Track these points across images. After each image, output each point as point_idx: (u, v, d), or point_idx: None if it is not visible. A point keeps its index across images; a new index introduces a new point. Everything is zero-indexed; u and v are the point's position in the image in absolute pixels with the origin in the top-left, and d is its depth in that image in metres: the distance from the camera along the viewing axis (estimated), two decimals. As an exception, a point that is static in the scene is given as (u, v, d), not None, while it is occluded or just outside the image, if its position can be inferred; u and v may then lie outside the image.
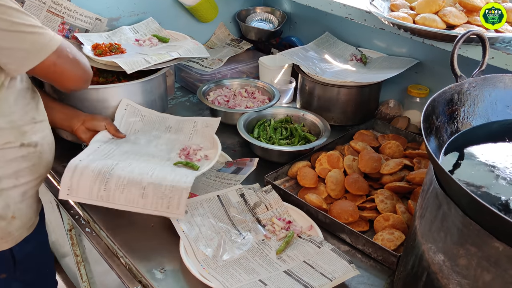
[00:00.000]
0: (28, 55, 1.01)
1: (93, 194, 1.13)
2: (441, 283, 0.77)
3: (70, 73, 1.11)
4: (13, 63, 1.01)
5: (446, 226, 0.75)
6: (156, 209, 1.11)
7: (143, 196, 1.12)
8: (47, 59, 1.04)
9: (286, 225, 1.19)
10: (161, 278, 1.07)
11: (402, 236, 1.14)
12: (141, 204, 1.12)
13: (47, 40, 1.03)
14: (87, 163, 1.17)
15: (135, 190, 1.12)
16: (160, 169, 1.19)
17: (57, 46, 1.05)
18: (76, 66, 1.12)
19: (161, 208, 1.11)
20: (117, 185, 1.13)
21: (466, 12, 1.39)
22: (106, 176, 1.14)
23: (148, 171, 1.17)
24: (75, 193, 1.13)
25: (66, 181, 1.13)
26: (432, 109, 0.87)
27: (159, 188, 1.12)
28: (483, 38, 0.95)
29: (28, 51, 1.01)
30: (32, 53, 1.02)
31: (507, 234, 0.64)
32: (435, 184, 0.78)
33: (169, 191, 1.12)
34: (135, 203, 1.12)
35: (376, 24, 1.51)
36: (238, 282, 1.01)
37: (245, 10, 2.18)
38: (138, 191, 1.12)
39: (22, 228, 1.15)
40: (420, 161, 1.37)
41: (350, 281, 1.05)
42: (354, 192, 1.28)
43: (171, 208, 1.11)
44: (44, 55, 1.03)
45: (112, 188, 1.13)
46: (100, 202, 1.13)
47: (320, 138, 1.49)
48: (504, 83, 0.97)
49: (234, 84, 1.82)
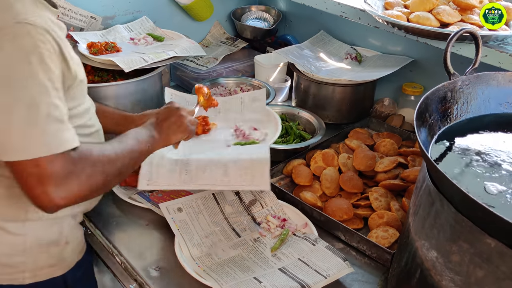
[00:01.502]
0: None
1: (175, 179, 1.14)
2: (434, 279, 0.77)
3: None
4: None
5: (439, 223, 0.75)
6: (242, 184, 1.13)
7: (225, 173, 1.13)
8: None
9: (281, 223, 1.19)
10: (156, 276, 1.07)
11: (396, 234, 1.14)
12: (225, 181, 1.13)
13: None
14: (160, 154, 1.18)
15: (216, 169, 1.14)
16: (231, 149, 1.24)
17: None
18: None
19: (246, 182, 1.13)
20: (198, 167, 1.15)
21: (460, 10, 1.40)
22: (185, 161, 1.16)
23: (221, 151, 1.21)
24: (155, 183, 1.15)
25: (144, 174, 1.14)
26: (426, 106, 0.87)
27: (239, 163, 1.14)
28: (476, 36, 0.96)
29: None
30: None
31: (499, 230, 0.64)
32: (428, 181, 0.78)
33: (249, 164, 1.14)
34: (218, 181, 1.13)
35: (371, 23, 1.51)
36: (233, 279, 1.01)
37: (240, 8, 2.18)
38: (219, 169, 1.14)
39: (74, 253, 1.11)
40: (414, 159, 1.38)
41: (344, 278, 1.06)
42: (349, 190, 1.29)
43: (256, 181, 1.12)
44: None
45: (193, 170, 1.15)
46: (183, 185, 1.15)
47: (315, 136, 1.50)
48: (497, 81, 0.97)
49: (229, 83, 1.82)
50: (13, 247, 1.01)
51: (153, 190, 1.28)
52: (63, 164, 0.84)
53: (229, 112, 1.45)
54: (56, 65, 0.87)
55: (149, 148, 1.06)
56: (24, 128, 0.82)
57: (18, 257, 1.02)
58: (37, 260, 1.03)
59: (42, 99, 0.83)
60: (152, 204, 1.23)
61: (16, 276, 1.02)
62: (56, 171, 0.83)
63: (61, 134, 0.85)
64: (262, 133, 1.36)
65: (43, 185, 0.82)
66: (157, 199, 1.25)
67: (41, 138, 0.82)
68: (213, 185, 1.14)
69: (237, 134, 1.36)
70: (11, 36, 0.82)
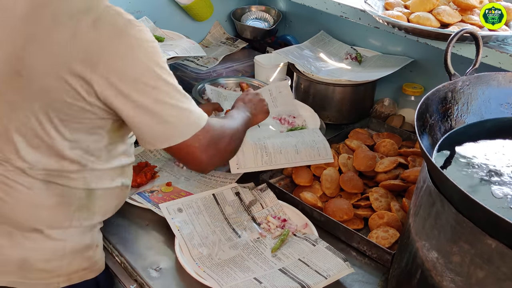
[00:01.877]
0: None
1: (258, 162, 1.28)
2: (435, 280, 0.77)
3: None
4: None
5: (440, 223, 0.75)
6: (312, 159, 1.32)
7: (297, 152, 1.32)
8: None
9: (281, 223, 1.19)
10: (156, 276, 1.07)
11: (396, 234, 1.14)
12: (298, 158, 1.31)
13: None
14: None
15: (290, 148, 1.31)
16: (291, 133, 1.42)
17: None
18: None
19: (315, 157, 1.33)
20: (274, 149, 1.30)
21: (460, 10, 1.40)
22: (263, 145, 1.30)
23: (283, 136, 1.38)
24: (243, 166, 1.27)
25: (233, 159, 1.25)
26: (426, 107, 0.87)
27: (306, 142, 1.34)
28: (476, 36, 0.96)
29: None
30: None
31: (500, 231, 0.64)
32: (429, 182, 0.78)
33: (313, 142, 1.35)
34: (293, 159, 1.31)
35: (371, 23, 1.51)
36: (233, 280, 1.01)
37: (240, 8, 2.18)
38: (292, 148, 1.32)
39: (103, 256, 1.12)
40: (414, 159, 1.37)
41: (345, 279, 1.06)
42: (349, 190, 1.28)
43: (322, 155, 1.33)
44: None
45: (272, 152, 1.29)
46: (266, 167, 1.29)
47: (315, 136, 1.50)
48: (497, 81, 0.97)
49: (229, 83, 1.82)
50: (54, 253, 1.01)
51: (154, 190, 1.29)
52: (212, 129, 0.99)
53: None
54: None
55: (247, 126, 1.22)
56: (178, 114, 0.93)
57: (56, 262, 1.02)
58: (72, 264, 1.04)
59: (174, 82, 0.95)
60: (152, 205, 1.23)
61: (51, 281, 1.02)
62: (212, 135, 0.99)
63: (198, 108, 0.98)
64: (301, 119, 1.55)
65: (208, 149, 0.98)
66: (157, 199, 1.25)
67: (193, 115, 0.95)
68: (290, 163, 1.31)
69: (282, 123, 1.53)
70: (138, 32, 0.89)
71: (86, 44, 0.85)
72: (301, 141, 1.35)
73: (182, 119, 0.94)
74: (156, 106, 0.91)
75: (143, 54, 0.88)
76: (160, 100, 0.91)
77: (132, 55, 0.87)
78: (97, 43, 0.86)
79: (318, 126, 1.49)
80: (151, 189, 1.29)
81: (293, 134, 1.41)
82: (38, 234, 0.99)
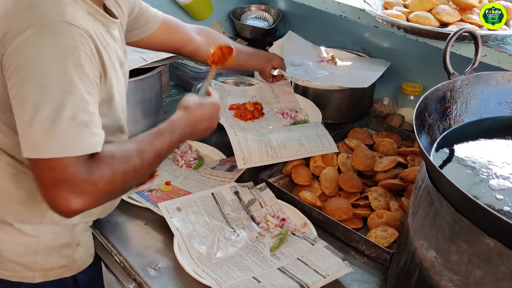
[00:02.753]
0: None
1: (264, 156, 1.30)
2: (433, 279, 0.77)
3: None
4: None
5: (438, 222, 0.75)
6: (316, 150, 1.35)
7: (301, 145, 1.34)
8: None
9: (280, 222, 1.19)
10: (155, 275, 1.07)
11: (395, 233, 1.14)
12: (303, 151, 1.33)
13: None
14: (242, 134, 1.34)
15: (293, 142, 1.34)
16: (294, 127, 1.43)
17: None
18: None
19: (319, 148, 1.35)
20: (278, 143, 1.32)
21: (459, 10, 1.39)
22: (267, 140, 1.32)
23: (286, 130, 1.40)
24: (249, 161, 1.28)
25: (239, 154, 1.28)
26: (425, 106, 0.87)
27: (309, 135, 1.37)
28: (475, 35, 0.96)
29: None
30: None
31: (498, 230, 0.64)
32: (427, 181, 0.78)
33: (315, 135, 1.37)
34: (297, 152, 1.33)
35: (370, 22, 1.51)
36: (232, 279, 1.01)
37: (240, 8, 2.18)
38: (295, 141, 1.34)
39: (85, 255, 1.12)
40: (413, 158, 1.37)
41: (343, 278, 1.06)
42: (348, 190, 1.28)
43: (326, 146, 1.35)
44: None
45: (276, 146, 1.32)
46: (272, 160, 1.30)
47: (314, 135, 1.50)
48: (496, 81, 0.97)
49: (228, 82, 1.82)
50: (27, 248, 1.02)
51: (153, 189, 1.28)
52: (79, 169, 0.80)
53: (263, 100, 1.63)
54: (92, 71, 0.86)
55: (168, 150, 1.00)
56: (45, 127, 0.79)
57: (30, 257, 1.02)
58: (47, 260, 1.04)
59: (71, 101, 0.81)
60: (151, 204, 1.23)
61: (26, 275, 1.03)
62: (71, 176, 0.80)
63: (81, 138, 0.82)
64: (303, 114, 1.57)
65: (56, 189, 0.80)
66: (156, 198, 1.25)
67: (59, 140, 0.79)
68: (295, 155, 1.33)
69: (285, 117, 1.55)
70: (53, 33, 0.81)
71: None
72: (304, 135, 1.37)
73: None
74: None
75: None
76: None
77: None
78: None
79: (320, 120, 1.51)
80: (150, 188, 1.29)
81: (296, 128, 1.42)
82: (9, 227, 1.00)
